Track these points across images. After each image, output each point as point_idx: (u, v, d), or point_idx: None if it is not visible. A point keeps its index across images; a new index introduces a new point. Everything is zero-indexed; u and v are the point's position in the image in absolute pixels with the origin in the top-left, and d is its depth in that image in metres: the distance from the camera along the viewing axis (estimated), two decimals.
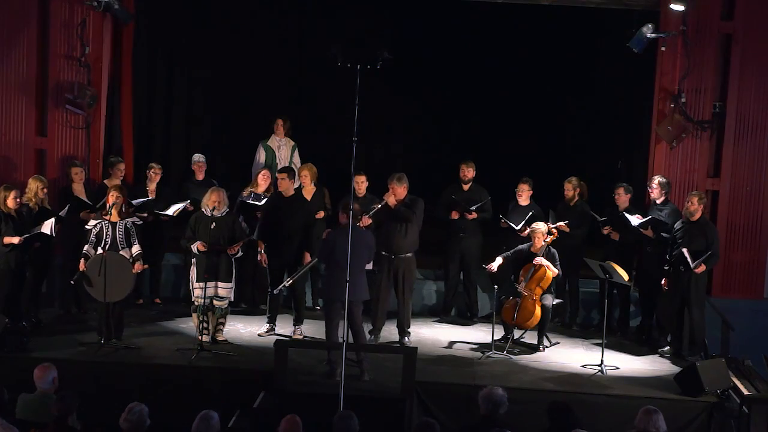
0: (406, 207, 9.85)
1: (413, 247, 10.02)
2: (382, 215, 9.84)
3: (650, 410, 6.55)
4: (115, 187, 9.79)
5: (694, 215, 9.80)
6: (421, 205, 9.97)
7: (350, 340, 8.74)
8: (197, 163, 11.41)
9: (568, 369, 9.49)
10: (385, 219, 9.87)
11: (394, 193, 9.83)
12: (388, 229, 9.88)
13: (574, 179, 10.96)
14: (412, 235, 9.96)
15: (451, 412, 8.54)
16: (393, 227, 9.88)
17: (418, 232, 10.03)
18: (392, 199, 9.83)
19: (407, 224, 9.85)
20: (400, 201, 9.86)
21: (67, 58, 11.20)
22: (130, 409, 6.23)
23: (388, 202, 9.82)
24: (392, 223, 9.88)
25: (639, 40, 10.75)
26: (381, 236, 9.69)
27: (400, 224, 9.85)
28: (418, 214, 9.91)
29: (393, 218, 9.85)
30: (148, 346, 9.51)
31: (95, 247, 9.39)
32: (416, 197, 9.99)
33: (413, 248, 10.03)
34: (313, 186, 10.79)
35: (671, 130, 10.86)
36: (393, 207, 9.82)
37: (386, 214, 9.84)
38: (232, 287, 9.70)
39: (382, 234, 9.76)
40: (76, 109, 11.11)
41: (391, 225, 9.88)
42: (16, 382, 7.45)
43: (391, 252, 9.89)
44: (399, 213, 9.81)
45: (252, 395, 8.40)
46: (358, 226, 9.08)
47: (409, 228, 9.88)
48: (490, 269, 10.03)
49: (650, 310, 10.59)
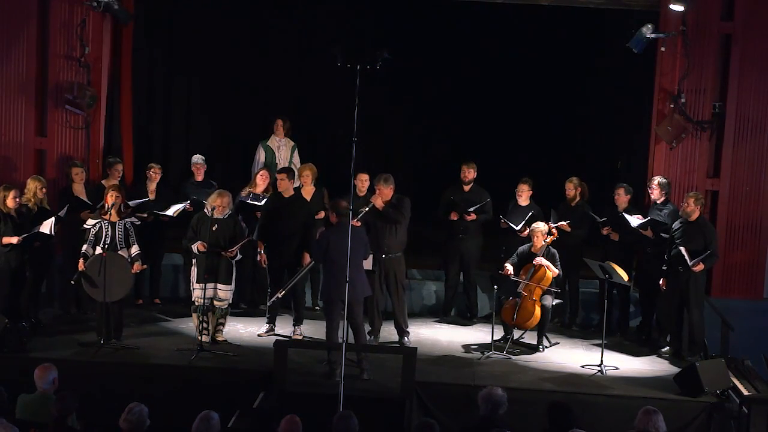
0: (393, 207, 9.83)
1: (401, 247, 10.02)
2: (370, 217, 9.82)
3: (650, 411, 6.54)
4: (113, 187, 9.79)
5: (691, 216, 9.79)
6: (407, 203, 9.94)
7: (351, 339, 8.75)
8: (196, 164, 11.41)
9: (568, 369, 9.49)
10: (373, 221, 9.85)
11: (381, 194, 9.80)
12: (377, 230, 9.86)
13: (575, 179, 10.96)
14: (402, 235, 9.96)
15: (451, 412, 8.54)
16: (382, 228, 9.86)
17: (406, 230, 10.02)
18: (379, 201, 9.79)
19: (396, 225, 9.84)
20: (387, 202, 9.84)
21: (66, 58, 11.19)
22: (130, 409, 6.23)
23: (375, 205, 9.80)
24: (381, 225, 9.86)
25: (639, 41, 10.75)
26: (370, 238, 9.62)
27: (390, 225, 9.85)
28: (405, 213, 9.89)
29: (381, 220, 9.83)
30: (147, 346, 9.51)
31: (94, 246, 9.40)
32: (402, 196, 9.96)
33: (402, 247, 10.03)
34: (313, 186, 10.79)
35: (671, 130, 10.86)
36: (381, 209, 9.81)
37: (375, 216, 9.82)
38: (231, 289, 9.71)
39: (371, 236, 9.69)
40: (76, 109, 11.11)
41: (380, 226, 9.86)
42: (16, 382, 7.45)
43: (382, 253, 9.87)
44: (388, 215, 9.79)
45: (252, 395, 8.41)
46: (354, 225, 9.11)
47: (398, 228, 9.88)
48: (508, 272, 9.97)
49: (650, 310, 10.59)
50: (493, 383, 7.52)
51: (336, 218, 8.87)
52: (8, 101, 11.30)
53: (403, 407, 8.35)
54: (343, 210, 8.77)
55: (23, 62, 11.25)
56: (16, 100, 11.29)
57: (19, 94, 11.28)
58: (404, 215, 9.86)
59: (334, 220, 8.89)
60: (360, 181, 10.38)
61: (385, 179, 9.83)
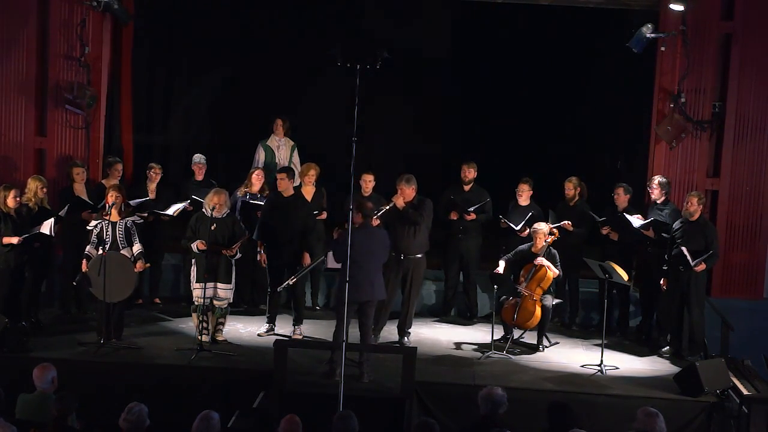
0: (414, 208, 9.83)
1: (423, 248, 9.99)
2: (391, 216, 9.82)
3: (651, 413, 6.53)
4: (113, 187, 9.79)
5: (693, 215, 9.80)
6: (429, 205, 9.95)
7: (355, 339, 8.76)
8: (197, 163, 11.41)
9: (568, 369, 9.49)
10: (393, 220, 9.85)
11: (402, 194, 9.80)
12: (396, 230, 9.85)
13: (574, 179, 10.96)
14: (421, 237, 9.91)
15: (451, 412, 8.55)
16: (401, 228, 9.85)
17: (428, 233, 10.00)
18: (400, 201, 9.79)
19: (416, 225, 9.83)
20: (408, 202, 9.82)
21: (66, 58, 11.20)
22: (130, 409, 6.23)
23: (396, 204, 9.80)
24: (401, 225, 9.86)
25: (639, 40, 10.75)
26: (390, 238, 9.66)
27: (408, 225, 9.84)
28: (426, 215, 9.88)
29: (401, 220, 9.83)
30: (148, 346, 9.51)
31: (97, 247, 9.40)
32: (425, 198, 9.95)
33: (423, 249, 9.99)
34: (314, 186, 10.79)
35: (671, 130, 10.87)
36: (401, 209, 9.80)
37: (394, 216, 9.82)
38: (231, 288, 9.71)
39: (390, 235, 9.72)
40: (76, 109, 11.12)
41: (400, 226, 9.85)
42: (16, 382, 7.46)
43: (399, 253, 9.87)
44: (407, 215, 9.79)
45: (252, 395, 8.41)
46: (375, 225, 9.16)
47: (417, 229, 9.86)
48: (497, 273, 10.00)
49: (650, 310, 10.59)
50: (493, 383, 7.52)
51: (361, 219, 8.86)
52: (8, 101, 11.30)
53: (403, 407, 8.35)
54: (368, 211, 8.79)
55: (23, 62, 11.25)
56: (17, 99, 11.30)
57: (19, 94, 11.28)
58: (424, 217, 9.85)
59: (358, 220, 8.87)
60: (365, 181, 10.39)
61: (407, 179, 9.81)
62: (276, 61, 13.59)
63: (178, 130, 13.80)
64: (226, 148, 13.76)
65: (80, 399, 6.68)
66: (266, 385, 8.52)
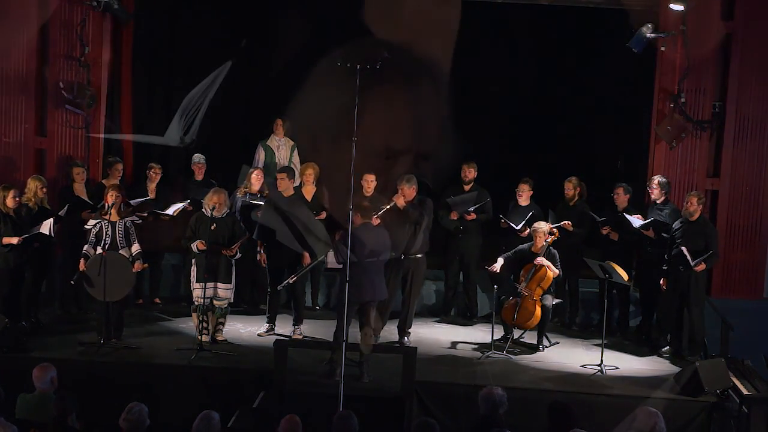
0: (414, 208, 9.83)
1: (423, 248, 9.99)
2: (390, 216, 9.81)
3: (651, 412, 6.52)
4: (113, 187, 9.78)
5: (693, 215, 9.80)
6: (430, 205, 9.96)
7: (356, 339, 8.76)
8: (197, 163, 11.42)
9: (568, 369, 9.49)
10: (393, 220, 9.84)
11: (403, 194, 9.80)
12: (397, 230, 9.85)
13: (574, 179, 10.96)
14: (422, 237, 9.93)
15: (451, 412, 8.55)
16: (402, 228, 9.86)
17: (429, 233, 10.01)
18: (401, 201, 9.79)
19: (416, 225, 9.83)
20: (409, 202, 9.83)
21: (66, 58, 11.20)
22: (130, 409, 6.23)
23: (396, 204, 9.79)
24: (401, 225, 9.86)
25: (639, 40, 10.76)
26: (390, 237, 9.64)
27: (409, 225, 9.83)
28: (427, 215, 9.89)
29: (402, 219, 9.83)
30: (148, 346, 9.51)
31: (95, 246, 9.40)
32: (425, 198, 9.96)
33: (423, 249, 9.99)
34: (314, 186, 10.79)
35: (671, 130, 10.87)
36: (402, 208, 9.80)
37: (395, 215, 9.82)
38: (231, 288, 9.70)
39: (391, 235, 9.71)
40: (76, 109, 11.12)
41: (400, 226, 9.86)
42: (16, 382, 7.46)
43: (399, 253, 9.85)
44: (408, 214, 9.79)
45: (252, 395, 8.41)
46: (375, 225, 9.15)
47: (418, 229, 9.86)
48: (493, 270, 10.02)
49: (650, 310, 10.59)
50: (493, 383, 7.53)
51: (360, 219, 8.87)
52: (8, 101, 11.30)
53: (403, 407, 8.35)
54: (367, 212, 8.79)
55: (23, 62, 11.25)
56: (17, 100, 11.29)
57: (19, 94, 11.28)
58: (424, 216, 9.85)
59: (358, 221, 8.87)
60: (366, 181, 10.39)
61: (408, 179, 9.82)
62: (276, 60, 13.57)
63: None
64: (226, 148, 13.75)
65: (80, 399, 6.67)
66: (266, 385, 8.52)
